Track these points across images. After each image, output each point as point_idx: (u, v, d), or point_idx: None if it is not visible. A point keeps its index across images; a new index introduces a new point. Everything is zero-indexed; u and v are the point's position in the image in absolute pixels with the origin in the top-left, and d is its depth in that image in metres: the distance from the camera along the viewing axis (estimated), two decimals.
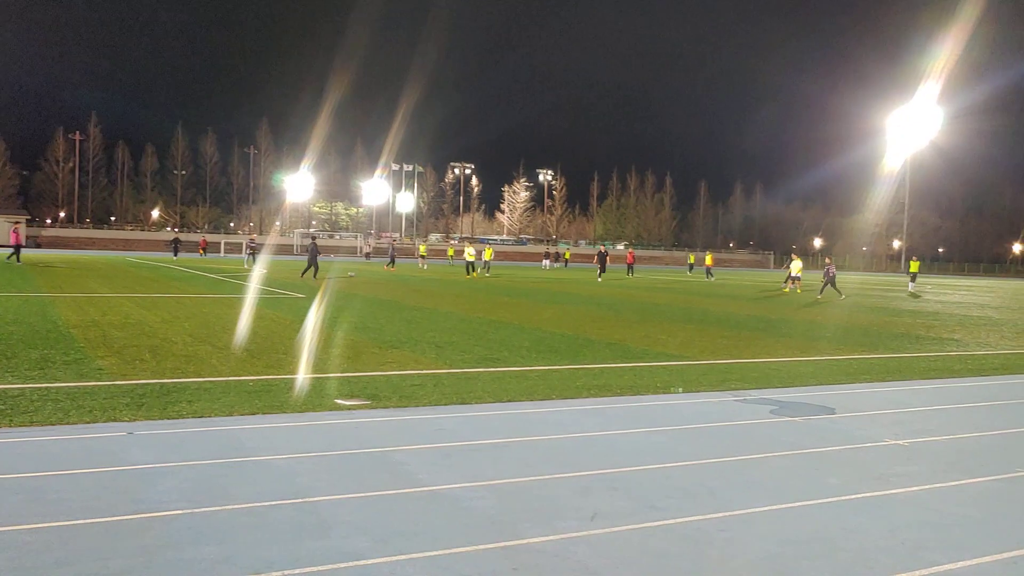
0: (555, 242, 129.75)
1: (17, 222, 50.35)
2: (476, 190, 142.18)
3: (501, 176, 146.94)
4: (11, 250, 39.14)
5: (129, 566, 4.12)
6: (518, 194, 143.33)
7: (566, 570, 4.28)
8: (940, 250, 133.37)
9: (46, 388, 8.45)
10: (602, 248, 51.02)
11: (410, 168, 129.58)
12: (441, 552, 4.43)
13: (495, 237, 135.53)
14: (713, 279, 51.88)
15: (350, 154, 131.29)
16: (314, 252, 33.96)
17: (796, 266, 37.72)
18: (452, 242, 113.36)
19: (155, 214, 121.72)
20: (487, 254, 49.96)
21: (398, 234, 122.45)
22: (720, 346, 14.57)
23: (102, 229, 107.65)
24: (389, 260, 52.67)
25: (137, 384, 8.86)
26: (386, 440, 6.89)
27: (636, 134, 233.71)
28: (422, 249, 60.86)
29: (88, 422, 7.10)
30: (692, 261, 70.46)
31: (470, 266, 43.46)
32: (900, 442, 7.47)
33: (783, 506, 5.46)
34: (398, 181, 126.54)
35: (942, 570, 4.43)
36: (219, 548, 4.39)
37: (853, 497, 5.72)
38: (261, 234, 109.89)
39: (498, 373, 10.60)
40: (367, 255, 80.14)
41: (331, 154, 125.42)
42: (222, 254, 79.66)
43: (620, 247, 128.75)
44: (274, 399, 8.35)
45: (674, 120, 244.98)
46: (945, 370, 12.50)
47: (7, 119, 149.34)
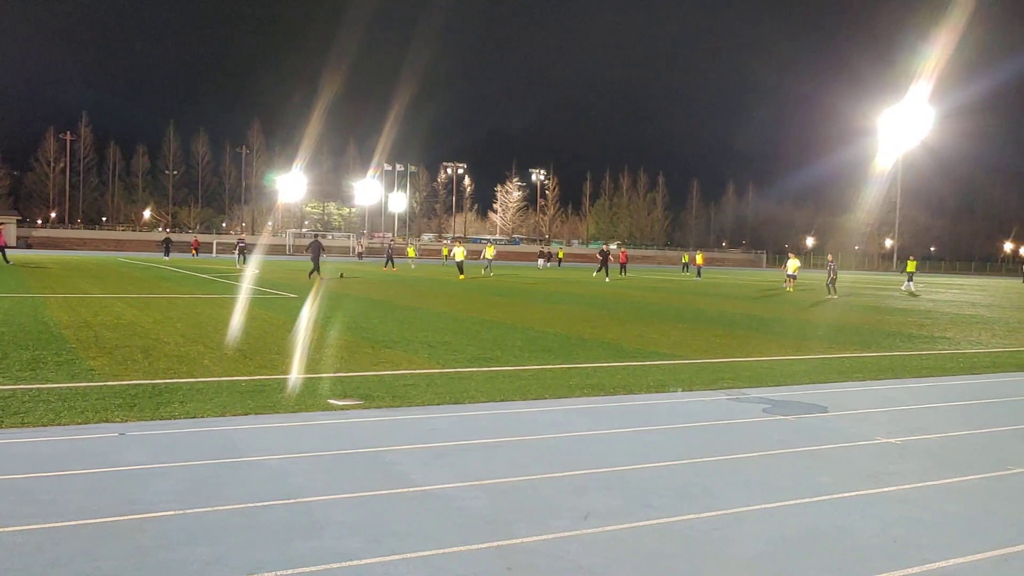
0: (547, 242, 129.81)
1: (2, 223, 50.04)
2: (469, 190, 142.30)
3: (494, 176, 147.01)
4: None
5: (121, 567, 4.10)
6: (511, 194, 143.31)
7: (560, 569, 4.28)
8: (931, 249, 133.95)
9: (37, 389, 8.41)
10: (604, 247, 48.90)
11: (403, 168, 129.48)
12: (434, 552, 4.43)
13: (488, 236, 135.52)
14: (701, 279, 51.91)
15: (342, 154, 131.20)
16: (317, 251, 34.06)
17: (793, 265, 37.76)
18: (445, 242, 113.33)
19: (147, 214, 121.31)
20: (489, 252, 48.51)
21: (391, 234, 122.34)
22: (713, 345, 14.59)
23: (93, 229, 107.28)
24: (387, 260, 52.51)
25: (129, 385, 8.84)
26: (379, 440, 6.88)
27: (629, 134, 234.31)
28: (411, 251, 60.50)
29: (80, 423, 7.07)
30: (686, 260, 70.48)
31: (461, 266, 41.91)
32: (892, 440, 7.50)
33: (776, 504, 5.47)
34: (391, 181, 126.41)
35: (934, 567, 4.45)
36: (211, 549, 4.37)
37: (846, 495, 5.74)
38: (253, 234, 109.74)
39: (491, 373, 10.59)
40: (360, 255, 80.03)
41: (323, 154, 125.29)
42: (214, 254, 79.47)
43: (613, 246, 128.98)
44: (267, 399, 8.34)
45: (667, 119, 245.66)
46: (937, 368, 12.55)
47: None
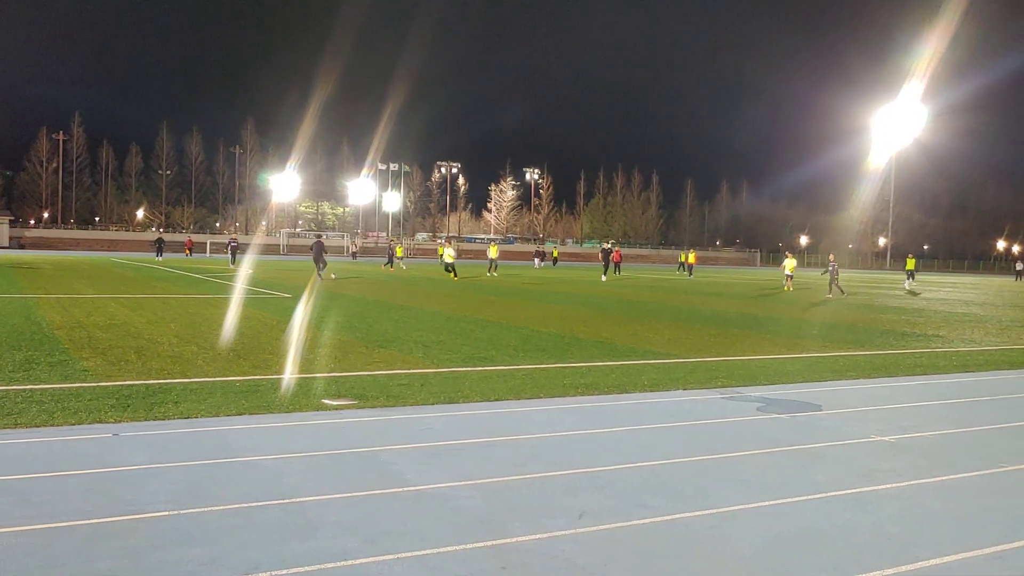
0: (541, 241, 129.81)
1: None
2: (463, 189, 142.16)
3: (488, 175, 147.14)
4: None
5: (116, 568, 4.09)
6: (505, 193, 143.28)
7: (554, 568, 4.28)
8: (925, 247, 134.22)
9: (30, 390, 8.39)
10: (606, 245, 47.68)
11: (396, 167, 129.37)
12: (429, 551, 4.43)
13: (487, 236, 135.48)
14: (692, 277, 51.90)
15: (336, 153, 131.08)
16: (319, 251, 34.13)
17: (790, 264, 37.78)
18: (439, 241, 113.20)
19: (140, 214, 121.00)
20: (492, 252, 47.71)
21: (386, 233, 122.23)
22: (707, 344, 14.61)
23: (86, 230, 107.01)
24: (387, 260, 52.36)
25: (123, 385, 8.82)
26: (373, 440, 6.88)
27: (623, 133, 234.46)
28: (399, 251, 60.13)
29: (73, 424, 7.05)
30: (683, 260, 70.19)
31: (450, 267, 40.55)
32: (886, 438, 7.52)
33: (770, 502, 5.48)
34: (384, 180, 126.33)
35: (928, 565, 4.46)
36: (206, 549, 4.37)
37: (840, 493, 5.75)
38: (247, 234, 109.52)
39: (485, 372, 10.59)
40: (354, 255, 79.91)
41: (317, 153, 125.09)
42: (208, 254, 79.30)
43: (607, 245, 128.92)
44: (261, 399, 8.33)
45: (661, 118, 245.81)
46: (930, 366, 12.58)
47: None
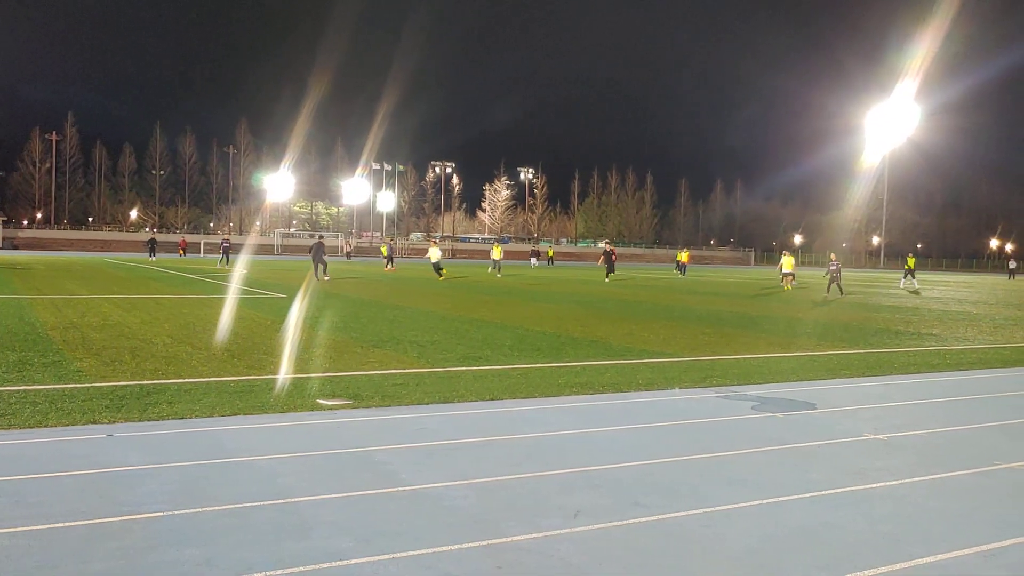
0: (537, 240, 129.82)
1: None
2: (457, 189, 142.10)
3: (482, 175, 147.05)
4: None
5: (111, 568, 4.09)
6: (499, 193, 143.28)
7: (550, 568, 4.29)
8: (919, 246, 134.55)
9: (24, 391, 8.37)
10: (608, 246, 46.95)
11: (391, 167, 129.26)
12: (424, 551, 4.43)
13: (476, 236, 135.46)
14: (685, 276, 51.90)
15: (330, 153, 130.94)
16: (319, 252, 34.17)
17: (788, 262, 37.81)
18: (434, 241, 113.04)
19: (133, 214, 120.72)
20: (496, 252, 47.02)
21: (380, 233, 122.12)
22: (702, 343, 14.63)
23: (80, 230, 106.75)
24: (388, 260, 52.26)
25: (117, 386, 8.80)
26: (368, 440, 6.88)
27: (617, 132, 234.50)
28: (383, 249, 59.61)
29: (67, 424, 7.04)
30: (680, 259, 70.01)
31: (437, 267, 39.15)
32: (880, 437, 7.54)
33: (765, 501, 5.49)
34: (379, 180, 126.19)
35: (922, 563, 4.48)
36: (201, 550, 4.36)
37: (834, 491, 5.77)
38: (241, 234, 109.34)
39: (480, 372, 10.60)
40: (348, 255, 79.86)
41: (311, 153, 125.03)
42: (202, 254, 79.16)
43: (602, 245, 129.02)
44: (255, 400, 8.32)
45: (655, 118, 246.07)
46: (924, 365, 12.62)
47: None
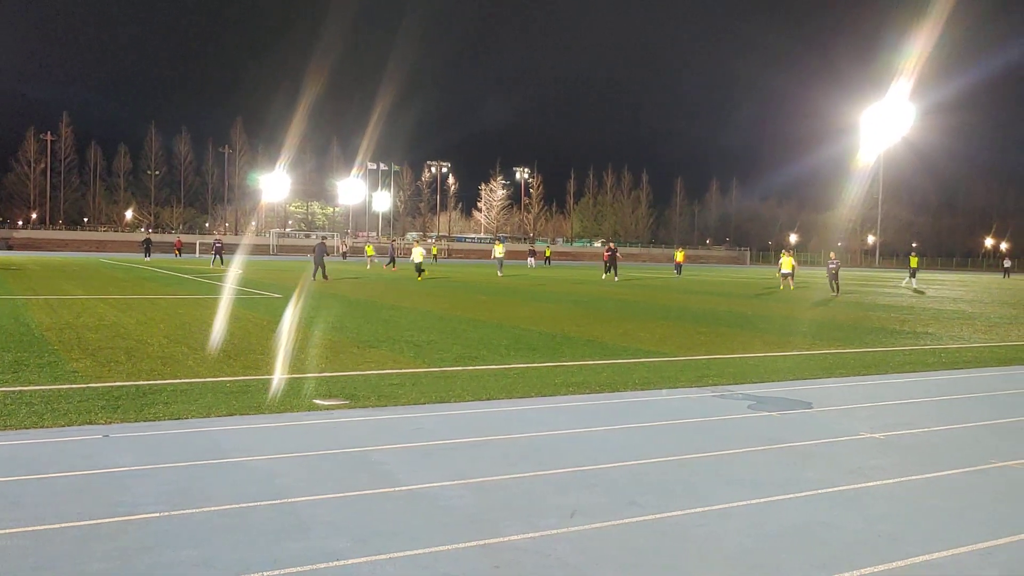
0: (532, 240, 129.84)
1: None
2: (453, 189, 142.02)
3: (478, 174, 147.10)
4: None
5: (107, 569, 4.08)
6: (495, 192, 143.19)
7: (546, 567, 4.29)
8: (913, 245, 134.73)
9: (20, 392, 8.35)
10: (611, 245, 46.47)
11: (386, 167, 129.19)
12: (421, 551, 4.43)
13: (472, 235, 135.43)
14: (681, 275, 51.91)
15: (326, 153, 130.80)
16: (320, 253, 34.23)
17: (788, 262, 37.78)
18: (430, 240, 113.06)
19: (129, 215, 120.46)
20: (498, 250, 46.25)
21: (376, 232, 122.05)
22: (698, 342, 14.65)
23: (75, 230, 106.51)
24: (390, 260, 52.14)
25: (113, 387, 8.78)
26: (365, 440, 6.88)
27: (613, 132, 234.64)
28: (369, 249, 58.89)
29: (63, 425, 7.03)
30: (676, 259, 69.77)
31: (418, 267, 38.02)
32: (875, 435, 7.55)
33: (761, 500, 5.50)
34: (374, 180, 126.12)
35: (918, 561, 4.49)
36: (197, 550, 4.36)
37: (830, 490, 5.78)
38: (236, 234, 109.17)
39: (477, 372, 10.60)
40: (344, 255, 79.73)
41: (307, 153, 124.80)
42: (197, 254, 79.03)
43: (598, 244, 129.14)
44: (252, 400, 8.31)
45: (651, 118, 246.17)
46: (919, 364, 12.64)
47: None
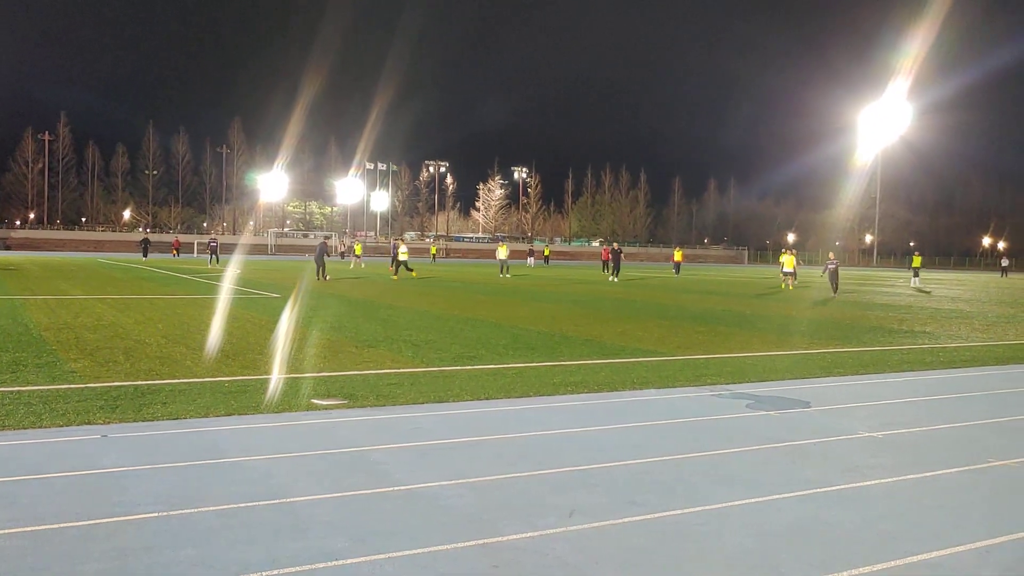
0: (531, 240, 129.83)
1: None
2: (451, 188, 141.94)
3: (476, 174, 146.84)
4: None
5: (105, 570, 4.08)
6: (493, 192, 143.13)
7: (545, 567, 4.29)
8: (911, 244, 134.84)
9: (18, 392, 8.34)
10: (615, 245, 46.27)
11: (384, 167, 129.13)
12: (420, 551, 4.43)
13: (470, 235, 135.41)
14: (678, 275, 51.93)
15: (324, 153, 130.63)
16: (321, 252, 34.28)
17: (789, 262, 37.74)
18: (428, 240, 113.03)
19: (127, 215, 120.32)
20: (502, 251, 46.10)
21: (373, 232, 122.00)
22: (696, 341, 14.65)
23: (73, 230, 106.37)
24: (393, 260, 52.06)
25: (111, 387, 8.78)
26: (363, 440, 6.87)
27: (611, 131, 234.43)
28: (357, 248, 58.32)
29: (61, 425, 7.02)
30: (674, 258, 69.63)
31: (399, 265, 37.70)
32: (874, 434, 7.56)
33: (760, 499, 5.50)
34: (372, 180, 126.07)
35: (916, 560, 4.49)
36: (196, 550, 4.36)
37: (828, 489, 5.78)
38: (234, 234, 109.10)
39: (475, 371, 10.59)
40: (342, 254, 79.66)
41: (305, 153, 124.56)
42: (195, 254, 78.98)
43: (596, 244, 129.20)
44: (250, 400, 8.30)
45: (649, 117, 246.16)
46: (917, 363, 12.65)
47: None
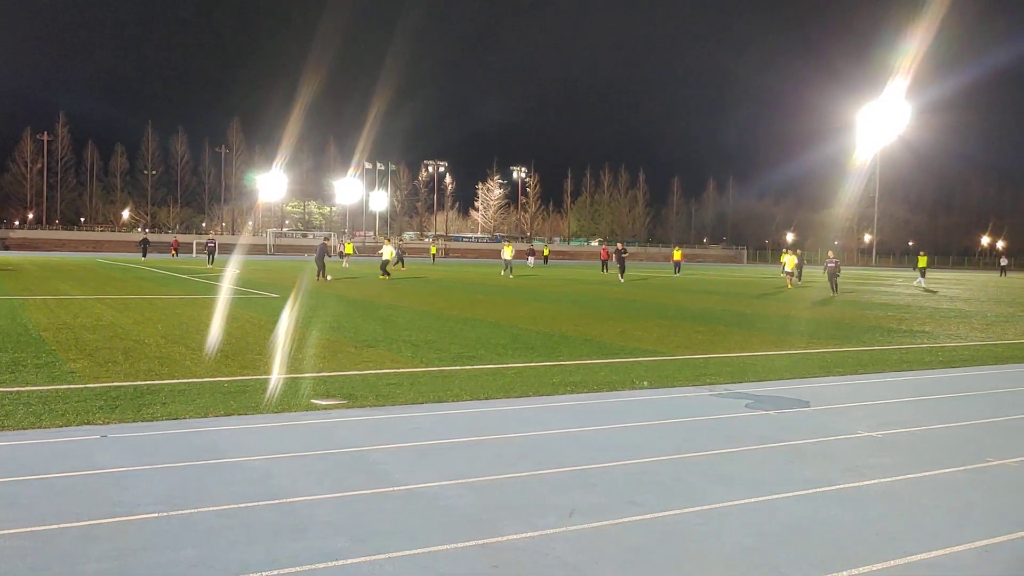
0: (530, 240, 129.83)
1: None
2: (450, 188, 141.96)
3: (475, 174, 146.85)
4: None
5: (105, 570, 4.08)
6: (492, 192, 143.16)
7: (546, 567, 4.29)
8: (910, 243, 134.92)
9: (17, 392, 8.34)
10: (620, 245, 46.03)
11: (383, 167, 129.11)
12: (420, 551, 4.43)
13: (469, 235, 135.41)
14: (679, 274, 51.97)
15: (323, 153, 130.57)
16: (321, 253, 34.36)
17: (791, 261, 37.72)
18: (427, 240, 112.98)
19: (125, 215, 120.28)
20: (507, 251, 45.62)
21: (373, 232, 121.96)
22: (695, 341, 14.66)
23: (72, 230, 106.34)
24: (398, 260, 52.08)
25: (110, 387, 8.78)
26: (363, 440, 6.87)
27: (609, 131, 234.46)
28: (348, 247, 57.82)
29: (61, 426, 7.02)
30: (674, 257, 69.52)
31: (384, 265, 37.13)
32: (873, 434, 7.56)
33: (759, 499, 5.50)
34: (371, 180, 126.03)
35: (916, 559, 4.49)
36: (196, 551, 4.36)
37: (827, 489, 5.79)
38: (233, 234, 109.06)
39: (475, 371, 10.60)
40: (341, 254, 79.62)
41: (304, 153, 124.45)
42: (194, 254, 78.96)
43: (595, 243, 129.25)
44: (249, 400, 8.30)
45: (648, 117, 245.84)
46: (916, 362, 12.66)
47: None
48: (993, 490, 5.90)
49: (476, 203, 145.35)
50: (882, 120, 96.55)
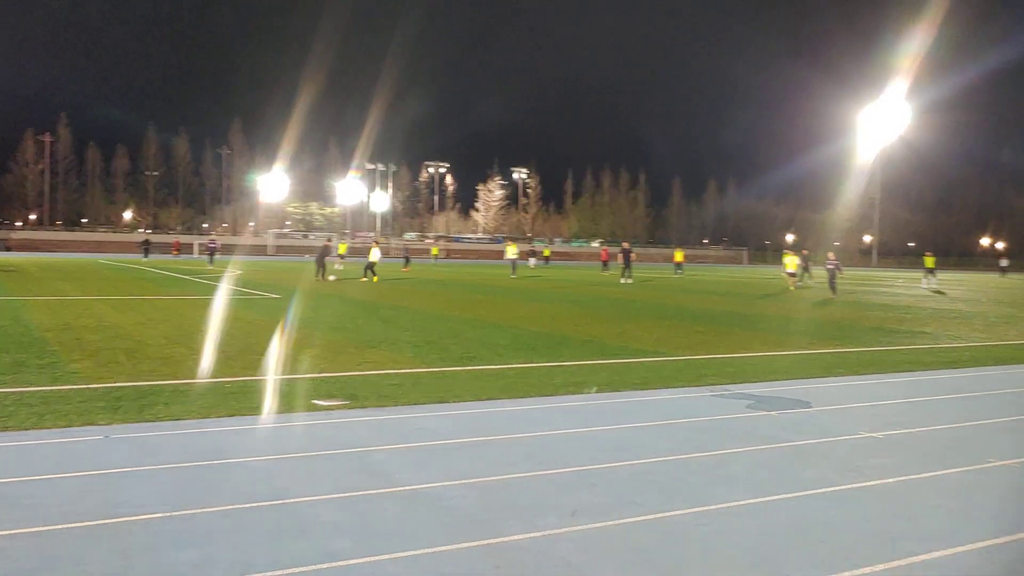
0: (532, 240, 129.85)
1: None
2: (451, 189, 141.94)
3: (475, 175, 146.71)
4: None
5: (108, 570, 4.09)
6: (492, 192, 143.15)
7: (548, 567, 4.30)
8: (910, 244, 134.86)
9: (20, 392, 8.35)
10: (625, 244, 45.82)
11: (384, 167, 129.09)
12: (422, 551, 4.44)
13: (469, 236, 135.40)
14: (680, 274, 51.94)
15: (324, 153, 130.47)
16: (322, 253, 34.42)
17: (792, 262, 37.69)
18: (429, 241, 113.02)
19: (127, 215, 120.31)
20: (511, 250, 45.49)
21: (373, 233, 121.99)
22: (696, 341, 14.66)
23: (73, 231, 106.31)
24: (405, 260, 52.09)
25: (113, 387, 8.79)
26: (365, 440, 6.88)
27: (610, 132, 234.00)
28: (342, 247, 56.98)
29: (63, 426, 7.03)
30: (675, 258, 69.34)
31: (369, 268, 35.51)
32: (875, 434, 7.57)
33: (761, 499, 5.51)
34: (372, 180, 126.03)
35: (918, 560, 4.50)
36: (198, 551, 4.37)
37: (830, 489, 5.79)
38: (235, 235, 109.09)
39: (476, 372, 10.60)
40: (341, 255, 79.64)
41: (305, 153, 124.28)
42: (196, 255, 78.98)
43: (595, 244, 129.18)
44: (252, 401, 8.31)
45: (648, 118, 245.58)
46: (918, 363, 12.66)
47: None
48: (995, 491, 5.91)
49: (477, 204, 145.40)
50: (883, 120, 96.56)
